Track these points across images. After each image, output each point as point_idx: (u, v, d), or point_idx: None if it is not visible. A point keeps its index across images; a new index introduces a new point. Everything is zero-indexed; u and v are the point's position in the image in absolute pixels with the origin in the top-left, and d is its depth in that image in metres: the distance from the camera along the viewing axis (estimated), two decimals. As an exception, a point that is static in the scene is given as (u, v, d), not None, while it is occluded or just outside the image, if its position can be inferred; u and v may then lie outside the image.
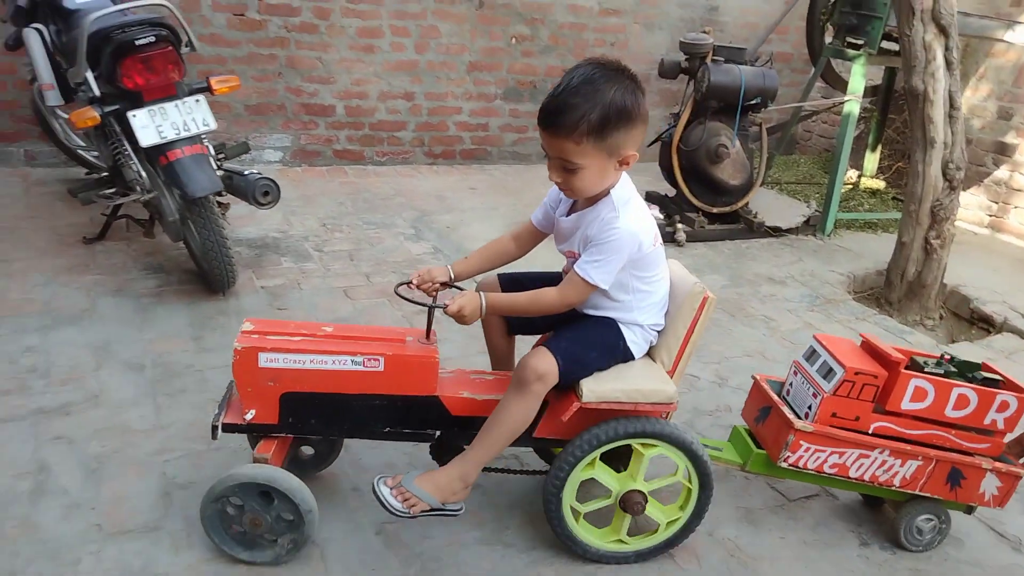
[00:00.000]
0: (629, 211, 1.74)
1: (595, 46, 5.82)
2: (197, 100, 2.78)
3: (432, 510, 1.76)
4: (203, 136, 2.78)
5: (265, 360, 1.72)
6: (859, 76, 4.57)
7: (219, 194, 2.78)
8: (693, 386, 2.88)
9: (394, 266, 3.73)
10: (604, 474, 1.87)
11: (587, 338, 1.81)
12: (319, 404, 1.78)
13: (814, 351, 2.06)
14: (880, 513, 2.25)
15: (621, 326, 1.85)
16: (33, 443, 2.17)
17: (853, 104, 4.59)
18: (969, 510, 2.09)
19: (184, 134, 2.71)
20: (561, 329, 1.86)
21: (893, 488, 2.00)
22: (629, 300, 1.83)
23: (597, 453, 1.81)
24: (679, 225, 4.41)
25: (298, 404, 1.77)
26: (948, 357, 2.02)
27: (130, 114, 2.63)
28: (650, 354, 1.92)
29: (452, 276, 1.92)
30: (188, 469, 2.12)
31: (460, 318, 1.74)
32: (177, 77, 2.76)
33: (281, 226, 4.10)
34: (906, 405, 1.93)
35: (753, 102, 4.26)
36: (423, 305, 1.79)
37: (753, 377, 2.20)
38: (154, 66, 2.63)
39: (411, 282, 1.88)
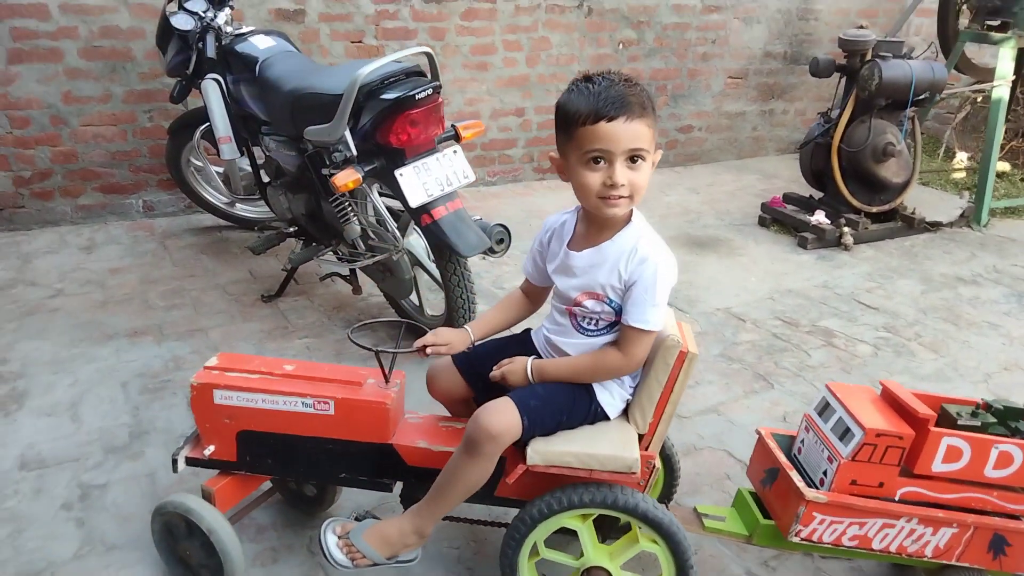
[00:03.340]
0: (659, 238, 1.58)
1: (697, 45, 5.64)
2: (455, 151, 2.55)
3: (377, 564, 1.63)
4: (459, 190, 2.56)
5: (220, 397, 1.71)
6: (1008, 59, 4.43)
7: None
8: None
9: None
10: (587, 537, 1.64)
11: (558, 398, 1.60)
12: (274, 444, 1.74)
13: (827, 404, 1.79)
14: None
15: (595, 386, 1.63)
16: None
17: (1003, 89, 4.46)
18: None
19: (448, 189, 2.49)
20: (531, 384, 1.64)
21: (924, 559, 1.73)
22: None
23: (572, 514, 1.61)
24: (845, 229, 4.26)
25: (254, 443, 1.75)
26: (985, 404, 1.78)
27: (397, 173, 2.40)
28: (626, 412, 1.68)
29: (472, 340, 1.75)
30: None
31: (504, 382, 1.66)
32: (439, 131, 2.53)
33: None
34: (938, 467, 1.67)
35: (922, 97, 4.10)
36: (370, 350, 1.67)
37: (758, 431, 1.92)
38: (420, 120, 2.40)
39: (425, 349, 1.71)
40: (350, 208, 2.76)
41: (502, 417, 1.52)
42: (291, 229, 3.22)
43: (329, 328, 3.15)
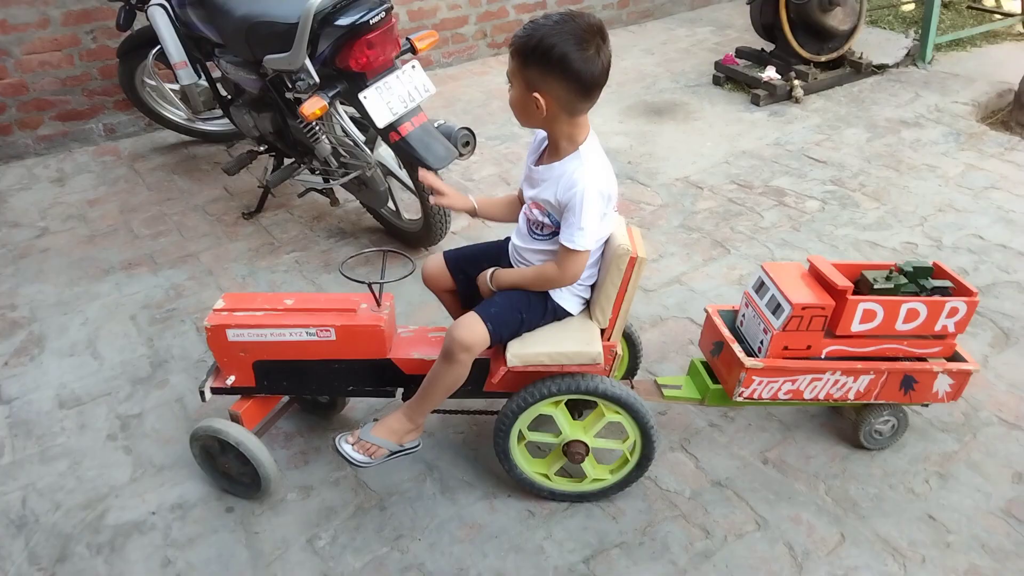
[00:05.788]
0: (596, 170, 1.73)
1: None
2: (413, 66, 2.62)
3: (392, 453, 1.93)
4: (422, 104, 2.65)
5: (233, 335, 1.93)
6: None
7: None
8: (916, 254, 3.02)
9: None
10: (562, 417, 1.93)
11: (514, 301, 1.86)
12: (287, 369, 1.98)
13: (763, 283, 2.06)
14: (841, 417, 2.28)
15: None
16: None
17: (947, -80, 4.45)
18: (925, 404, 2.15)
19: (411, 105, 2.59)
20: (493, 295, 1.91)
21: (848, 402, 2.06)
22: None
23: (545, 403, 1.88)
24: (796, 82, 4.39)
25: (269, 370, 1.98)
26: (897, 267, 2.01)
27: (361, 96, 2.49)
28: (588, 310, 1.92)
29: (476, 209, 2.01)
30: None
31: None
32: (396, 50, 2.59)
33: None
34: (856, 327, 1.94)
35: (865, -60, 4.11)
36: (363, 283, 1.88)
37: (706, 310, 2.20)
38: (377, 43, 2.46)
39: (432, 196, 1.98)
40: (318, 127, 2.85)
41: (471, 330, 1.78)
42: (261, 148, 3.30)
43: (313, 240, 3.32)
